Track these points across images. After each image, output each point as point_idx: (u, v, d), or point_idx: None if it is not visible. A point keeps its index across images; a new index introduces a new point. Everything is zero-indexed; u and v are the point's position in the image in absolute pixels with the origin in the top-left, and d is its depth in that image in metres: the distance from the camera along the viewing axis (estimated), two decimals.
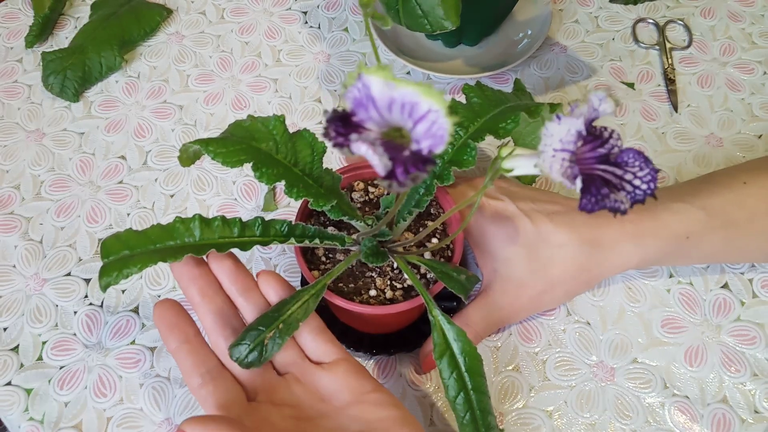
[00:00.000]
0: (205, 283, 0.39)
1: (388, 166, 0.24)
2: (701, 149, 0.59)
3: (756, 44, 0.65)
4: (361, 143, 0.25)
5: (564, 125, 0.29)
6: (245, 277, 0.40)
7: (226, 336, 0.39)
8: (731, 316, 0.50)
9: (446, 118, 0.24)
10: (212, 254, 0.40)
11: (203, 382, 0.38)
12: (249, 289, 0.40)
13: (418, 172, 0.24)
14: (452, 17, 0.46)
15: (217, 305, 0.39)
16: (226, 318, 0.39)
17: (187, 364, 0.38)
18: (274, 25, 0.69)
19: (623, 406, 0.47)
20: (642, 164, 0.32)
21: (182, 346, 0.38)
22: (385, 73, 0.24)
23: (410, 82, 0.24)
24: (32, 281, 0.53)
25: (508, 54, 0.63)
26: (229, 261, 0.40)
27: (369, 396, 0.38)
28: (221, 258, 0.40)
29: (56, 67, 0.63)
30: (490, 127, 0.42)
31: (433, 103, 0.24)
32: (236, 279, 0.40)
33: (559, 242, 0.45)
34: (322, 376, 0.39)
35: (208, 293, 0.39)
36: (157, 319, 0.39)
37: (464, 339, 0.39)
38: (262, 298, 0.40)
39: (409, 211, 0.43)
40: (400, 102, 0.24)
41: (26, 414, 0.47)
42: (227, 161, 0.38)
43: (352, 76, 0.25)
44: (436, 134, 0.24)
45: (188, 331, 0.39)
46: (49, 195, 0.58)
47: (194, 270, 0.39)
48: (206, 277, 0.40)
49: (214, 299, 0.39)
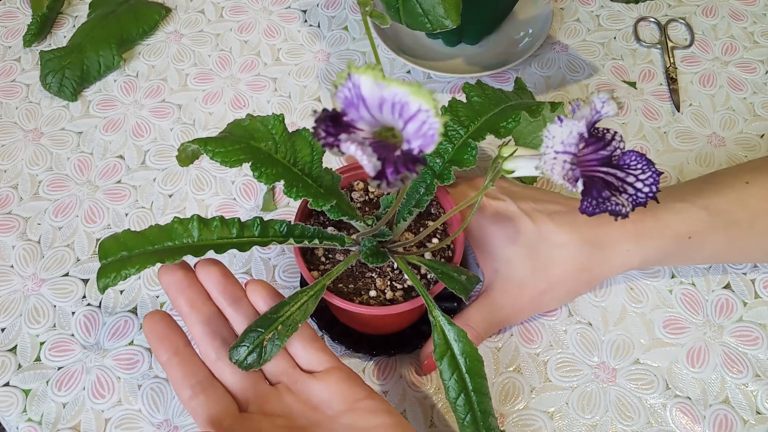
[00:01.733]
0: (194, 293, 0.39)
1: (378, 166, 0.24)
2: (703, 149, 0.58)
3: (758, 43, 0.65)
4: (351, 143, 0.24)
5: (566, 127, 0.29)
6: (234, 286, 0.40)
7: (216, 347, 0.39)
8: (733, 316, 0.50)
9: (436, 118, 0.23)
10: (200, 263, 0.40)
11: (194, 393, 0.37)
12: (238, 299, 0.40)
13: (407, 172, 0.24)
14: (453, 16, 0.46)
15: (206, 315, 0.39)
16: (215, 328, 0.39)
17: (178, 375, 0.38)
18: (274, 23, 0.68)
19: (625, 407, 0.46)
20: (644, 167, 0.32)
21: (172, 358, 0.38)
22: (375, 73, 0.24)
23: (400, 81, 0.24)
24: (30, 281, 0.53)
25: (509, 53, 0.63)
26: (217, 270, 0.40)
27: (362, 403, 0.38)
28: (209, 267, 0.40)
29: (54, 66, 0.63)
30: (491, 127, 0.42)
31: (423, 103, 0.24)
32: (224, 289, 0.40)
33: (560, 242, 0.45)
34: (314, 384, 0.39)
35: (197, 304, 0.39)
36: (147, 331, 0.39)
37: (465, 340, 0.39)
38: (251, 308, 0.40)
39: (409, 211, 0.43)
40: (391, 101, 0.24)
41: (24, 415, 0.47)
42: (226, 161, 0.38)
43: (342, 76, 0.25)
44: (426, 134, 0.24)
45: (178, 343, 0.39)
46: (47, 195, 0.57)
47: (182, 280, 0.39)
48: (194, 288, 0.39)
49: (203, 309, 0.39)
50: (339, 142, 0.25)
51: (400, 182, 0.24)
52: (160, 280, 0.40)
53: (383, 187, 0.24)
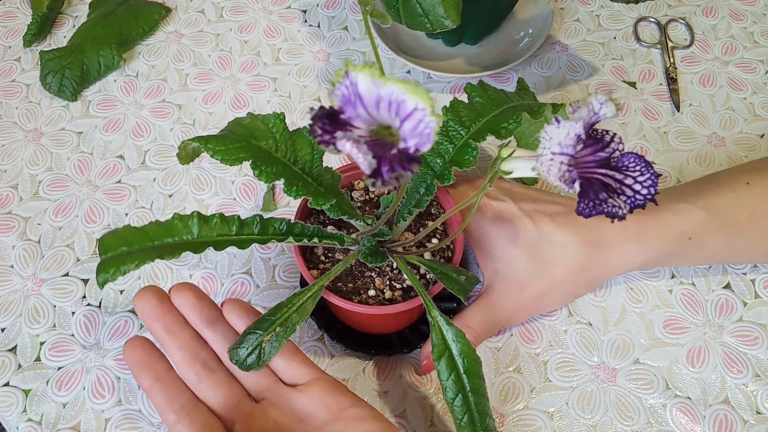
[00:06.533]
0: (169, 319, 0.39)
1: (373, 165, 0.24)
2: (703, 149, 0.58)
3: (758, 43, 0.65)
4: (347, 141, 0.24)
5: (563, 129, 0.29)
6: (209, 308, 0.40)
7: (197, 370, 0.39)
8: (733, 316, 0.50)
9: (432, 117, 0.23)
10: (174, 288, 0.40)
11: (179, 417, 0.37)
12: (215, 321, 0.40)
13: (403, 171, 0.24)
14: (453, 16, 0.46)
15: (184, 340, 0.39)
16: (194, 352, 0.39)
17: (161, 401, 0.38)
18: (274, 23, 0.68)
19: (625, 407, 0.46)
20: (643, 169, 0.31)
21: (154, 384, 0.38)
22: (372, 71, 0.24)
23: (397, 79, 0.24)
24: (30, 281, 0.53)
25: (509, 53, 0.63)
26: (192, 293, 0.40)
27: (347, 412, 0.38)
28: (183, 291, 0.40)
29: (54, 66, 0.63)
30: (492, 127, 0.42)
31: (419, 102, 0.24)
32: (200, 312, 0.40)
33: (561, 242, 0.45)
34: (299, 397, 0.38)
35: (173, 329, 0.39)
36: (128, 358, 0.39)
37: (463, 340, 0.39)
38: (229, 328, 0.40)
39: (409, 210, 0.43)
40: (387, 100, 0.24)
41: (24, 415, 0.47)
42: (226, 159, 0.38)
43: (339, 74, 0.25)
44: (422, 133, 0.24)
45: (159, 368, 0.39)
46: (47, 195, 0.57)
47: (157, 307, 0.39)
48: (170, 314, 0.39)
49: (180, 334, 0.39)
50: (335, 139, 0.25)
51: (395, 180, 0.24)
52: (135, 309, 0.40)
53: (378, 185, 0.24)
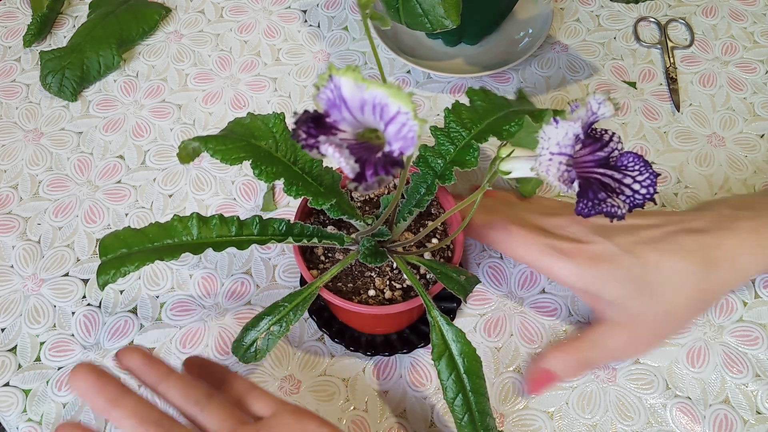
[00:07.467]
0: (111, 390, 0.37)
1: (356, 169, 0.24)
2: (703, 149, 0.58)
3: (758, 43, 0.65)
4: (329, 145, 0.25)
5: (561, 128, 0.29)
6: (158, 366, 0.39)
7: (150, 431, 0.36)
8: (733, 316, 0.50)
9: (415, 121, 0.24)
10: (120, 353, 0.39)
11: None
12: (166, 376, 0.38)
13: (385, 175, 0.24)
14: (453, 16, 0.46)
15: (130, 407, 0.37)
16: (142, 416, 0.37)
17: None
18: (274, 23, 0.68)
19: (625, 407, 0.46)
20: (642, 168, 0.32)
21: None
22: (356, 74, 0.24)
23: (379, 83, 0.24)
24: (30, 281, 0.53)
25: (509, 53, 0.63)
26: (139, 355, 0.38)
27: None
28: (131, 354, 0.38)
29: (54, 67, 0.63)
30: (494, 129, 0.42)
31: (402, 105, 0.24)
32: (150, 370, 0.38)
33: (670, 270, 0.43)
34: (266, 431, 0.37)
35: (117, 399, 0.37)
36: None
37: (463, 340, 0.39)
38: (181, 379, 0.38)
39: (409, 210, 0.43)
40: (371, 103, 0.24)
41: (24, 415, 0.47)
42: (226, 158, 0.38)
43: (323, 78, 0.25)
44: (406, 136, 0.24)
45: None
46: (47, 195, 0.57)
47: (97, 382, 0.37)
48: (110, 385, 0.37)
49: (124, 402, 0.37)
50: (318, 143, 0.25)
51: (376, 185, 0.24)
52: (72, 388, 0.37)
53: (360, 189, 0.24)
